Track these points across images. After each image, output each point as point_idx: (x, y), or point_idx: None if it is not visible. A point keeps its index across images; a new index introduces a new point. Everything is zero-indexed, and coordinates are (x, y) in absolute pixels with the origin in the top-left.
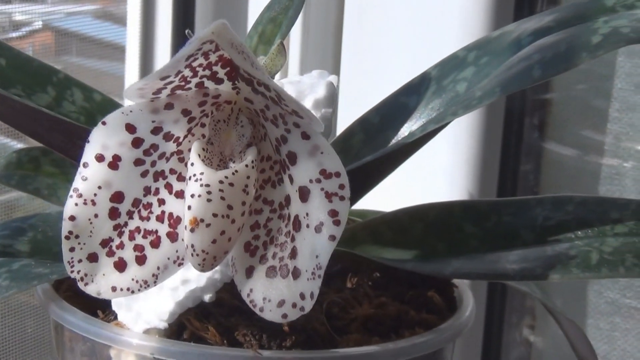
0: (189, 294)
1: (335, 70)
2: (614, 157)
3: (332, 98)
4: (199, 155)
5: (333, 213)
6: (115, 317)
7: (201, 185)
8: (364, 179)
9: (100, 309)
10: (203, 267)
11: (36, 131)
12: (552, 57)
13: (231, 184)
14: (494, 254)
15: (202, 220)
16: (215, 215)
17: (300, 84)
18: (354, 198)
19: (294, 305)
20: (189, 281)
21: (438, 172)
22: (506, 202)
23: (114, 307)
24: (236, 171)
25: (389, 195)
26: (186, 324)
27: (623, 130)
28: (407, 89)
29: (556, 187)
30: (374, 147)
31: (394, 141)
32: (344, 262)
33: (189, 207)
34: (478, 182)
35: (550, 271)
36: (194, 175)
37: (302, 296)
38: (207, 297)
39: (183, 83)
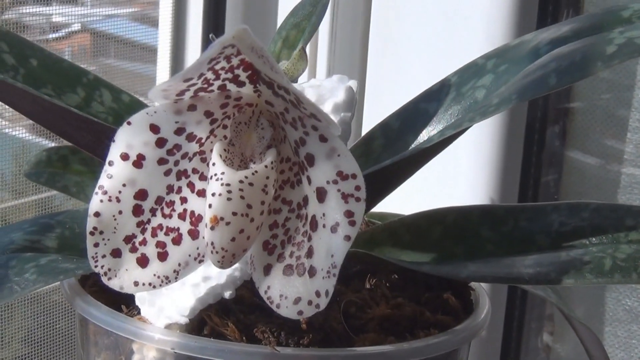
0: (210, 290)
1: (362, 75)
2: (634, 167)
3: (351, 102)
4: (221, 156)
5: (349, 214)
6: (139, 312)
7: (222, 184)
8: (383, 182)
9: (124, 304)
10: (222, 264)
11: (65, 130)
12: (568, 65)
13: (251, 184)
14: (510, 258)
15: (222, 219)
16: (234, 213)
17: (320, 88)
18: (373, 201)
19: (310, 303)
20: (209, 278)
21: (460, 177)
22: (523, 207)
23: (137, 302)
24: (256, 172)
25: (410, 200)
26: (207, 320)
27: None
28: (427, 95)
29: (577, 194)
30: (394, 151)
31: (413, 146)
32: (363, 263)
33: (210, 206)
34: (499, 188)
35: (564, 276)
36: (215, 174)
37: (318, 294)
38: (227, 294)
39: (206, 85)
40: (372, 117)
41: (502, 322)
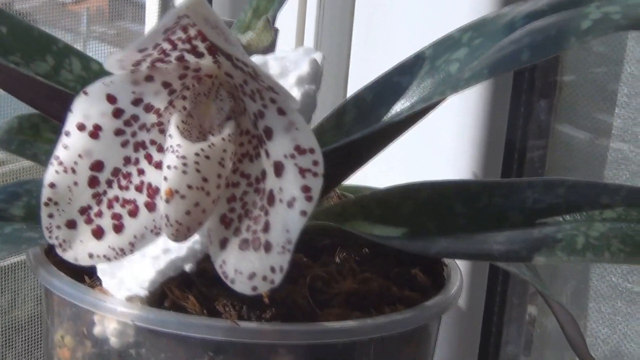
0: (170, 263)
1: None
2: (621, 141)
3: (316, 75)
4: (178, 127)
5: (306, 189)
6: (101, 284)
7: (177, 156)
8: (354, 155)
9: (87, 275)
10: (177, 237)
11: (35, 100)
12: (542, 40)
13: (207, 157)
14: (482, 234)
15: (177, 192)
16: (190, 187)
17: (284, 60)
18: (343, 174)
19: (264, 278)
20: (169, 250)
21: (442, 151)
22: (498, 183)
23: (99, 274)
24: (213, 144)
25: (391, 174)
26: (168, 293)
27: (631, 115)
28: (401, 68)
29: (563, 170)
30: (366, 124)
31: (384, 119)
32: (334, 237)
33: (165, 178)
34: (482, 163)
35: (535, 253)
36: (171, 146)
37: (273, 269)
38: (187, 267)
39: (162, 56)
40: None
41: (483, 298)
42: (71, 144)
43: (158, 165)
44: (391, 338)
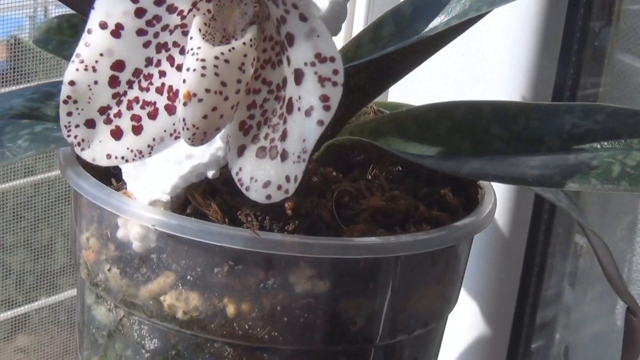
0: (192, 169)
1: None
2: None
3: None
4: (200, 30)
5: (324, 98)
6: (126, 187)
7: (197, 59)
8: (387, 70)
9: (115, 178)
10: (193, 141)
11: (73, 0)
12: None
13: (227, 61)
14: (516, 157)
15: (194, 95)
16: (208, 90)
17: None
18: (379, 88)
19: (279, 187)
20: (192, 156)
21: (491, 74)
22: (536, 106)
23: (124, 177)
24: (233, 48)
25: (440, 95)
26: (190, 199)
27: None
28: None
29: (616, 100)
30: (403, 39)
31: (422, 34)
32: (368, 153)
33: (184, 81)
34: (532, 88)
35: (568, 179)
36: (192, 49)
37: (288, 179)
38: (210, 174)
39: None
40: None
41: (527, 227)
42: (93, 42)
43: (180, 68)
44: (416, 258)
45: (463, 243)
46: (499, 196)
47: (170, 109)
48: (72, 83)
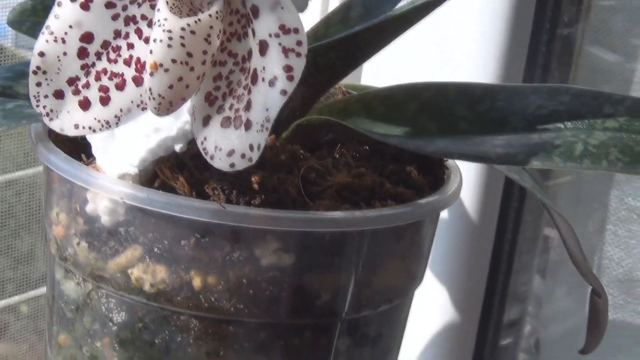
0: (161, 142)
1: None
2: None
3: None
4: (167, 3)
5: (288, 68)
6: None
7: (163, 30)
8: (355, 49)
9: (85, 153)
10: (159, 111)
11: None
12: None
13: (193, 32)
14: (481, 137)
15: (160, 65)
16: (174, 61)
17: None
18: (347, 68)
19: (243, 156)
20: (160, 130)
21: (461, 60)
22: (502, 87)
23: (93, 151)
24: (199, 20)
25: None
26: (158, 173)
27: None
28: None
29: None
30: (371, 20)
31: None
32: (336, 133)
33: (151, 52)
34: (502, 75)
35: (532, 158)
36: (159, 20)
37: (251, 147)
38: (178, 147)
39: None
40: None
41: (496, 212)
42: (62, 14)
43: (147, 40)
44: (381, 233)
45: (428, 220)
46: (468, 183)
47: (138, 81)
48: (41, 54)
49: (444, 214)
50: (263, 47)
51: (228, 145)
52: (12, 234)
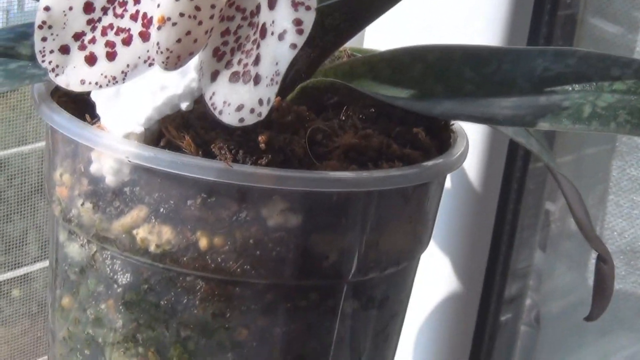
0: (167, 100)
1: None
2: None
3: None
4: None
5: (297, 22)
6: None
7: None
8: (361, 10)
9: (90, 114)
10: (167, 65)
11: None
12: None
13: None
14: (488, 99)
15: (168, 19)
16: (182, 15)
17: None
18: (351, 30)
19: (252, 110)
20: (166, 87)
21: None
22: (508, 50)
23: (98, 110)
24: None
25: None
26: (164, 132)
27: None
28: None
29: None
30: None
31: None
32: (341, 95)
33: (158, 5)
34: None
35: (540, 119)
36: None
37: (260, 102)
38: (184, 105)
39: None
40: None
41: (498, 186)
42: None
43: None
44: (388, 194)
45: (435, 182)
46: (470, 156)
47: (144, 36)
48: (47, 9)
49: (446, 186)
50: (272, 1)
51: (237, 100)
52: (4, 218)
